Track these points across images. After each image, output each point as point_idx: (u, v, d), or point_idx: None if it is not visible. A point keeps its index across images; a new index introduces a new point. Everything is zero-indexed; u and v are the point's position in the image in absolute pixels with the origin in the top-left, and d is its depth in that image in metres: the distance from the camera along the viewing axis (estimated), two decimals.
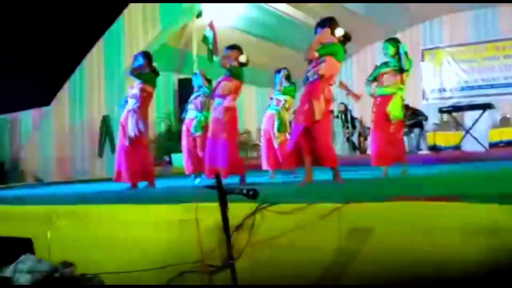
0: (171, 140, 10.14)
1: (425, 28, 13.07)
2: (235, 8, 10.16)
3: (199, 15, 9.91)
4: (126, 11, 10.36)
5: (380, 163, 5.78)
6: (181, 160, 10.64)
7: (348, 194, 3.46)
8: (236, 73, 5.59)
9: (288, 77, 6.93)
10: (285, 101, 6.78)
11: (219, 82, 5.60)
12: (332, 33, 4.78)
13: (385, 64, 5.88)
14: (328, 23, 4.85)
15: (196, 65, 10.11)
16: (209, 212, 2.75)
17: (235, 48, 5.71)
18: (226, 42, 10.06)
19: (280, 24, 10.85)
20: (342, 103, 11.57)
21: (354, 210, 2.59)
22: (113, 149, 10.27)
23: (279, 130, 6.65)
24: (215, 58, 9.94)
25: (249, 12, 10.32)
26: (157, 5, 9.96)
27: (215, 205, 2.47)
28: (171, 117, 10.93)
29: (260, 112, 13.12)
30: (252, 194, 2.36)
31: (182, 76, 10.89)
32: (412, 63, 5.94)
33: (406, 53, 5.76)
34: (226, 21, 10.41)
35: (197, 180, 6.23)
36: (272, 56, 11.20)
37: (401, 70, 5.74)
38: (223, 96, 5.51)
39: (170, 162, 10.44)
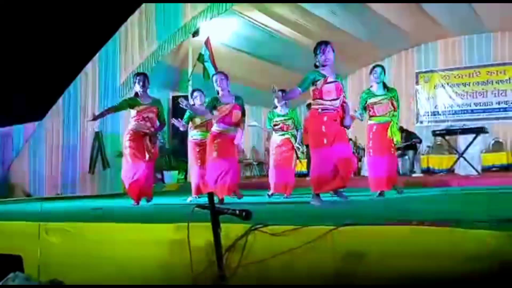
0: (163, 157, 10.08)
1: (420, 51, 13.20)
2: (231, 26, 10.21)
3: (195, 33, 9.93)
4: (122, 27, 10.39)
5: (380, 188, 5.86)
6: (174, 177, 10.65)
7: (343, 216, 3.43)
8: (242, 103, 5.79)
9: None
10: (294, 125, 6.80)
11: (231, 111, 5.64)
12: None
13: (371, 93, 5.98)
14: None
15: (191, 82, 10.12)
16: (201, 232, 2.71)
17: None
18: (221, 61, 10.20)
19: (276, 43, 10.91)
20: None
21: (346, 233, 2.57)
22: (104, 166, 10.21)
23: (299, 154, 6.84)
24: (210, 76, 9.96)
25: (244, 31, 10.36)
26: (154, 22, 10.00)
27: (208, 225, 2.44)
28: (165, 135, 10.89)
29: (253, 131, 13.17)
30: (244, 215, 2.33)
31: (176, 94, 10.88)
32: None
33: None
34: (221, 39, 10.45)
35: (190, 199, 6.17)
36: (267, 75, 11.24)
37: (391, 99, 5.92)
38: (236, 124, 5.64)
39: (162, 180, 10.38)
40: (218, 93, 5.73)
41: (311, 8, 9.93)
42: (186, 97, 9.78)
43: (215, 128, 5.67)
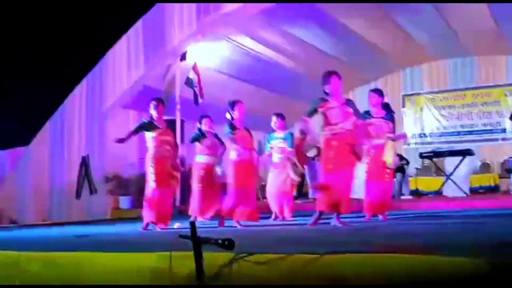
0: None
1: (406, 74, 13.33)
2: (218, 50, 10.27)
3: (183, 57, 9.97)
4: (110, 51, 10.39)
5: (376, 212, 5.89)
6: None
7: (330, 242, 3.40)
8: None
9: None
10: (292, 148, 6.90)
11: (243, 137, 5.94)
12: None
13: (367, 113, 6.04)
14: None
15: (178, 106, 10.12)
16: (184, 261, 2.66)
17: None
18: (210, 85, 10.23)
19: (264, 68, 10.97)
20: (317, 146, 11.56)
21: (331, 261, 2.54)
22: (91, 191, 10.10)
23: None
24: (200, 101, 9.97)
25: (233, 56, 10.42)
26: (141, 46, 10.01)
27: (191, 254, 2.39)
28: None
29: None
30: (227, 245, 2.29)
31: (165, 118, 10.83)
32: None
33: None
34: (209, 64, 10.49)
35: (176, 225, 6.09)
36: (254, 99, 11.27)
37: (388, 120, 5.97)
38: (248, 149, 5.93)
39: None
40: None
41: (297, 33, 10.03)
42: (174, 121, 9.87)
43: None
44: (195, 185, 6.65)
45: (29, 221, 9.75)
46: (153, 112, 6.07)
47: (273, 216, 6.92)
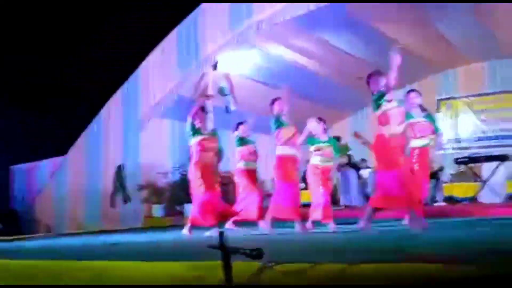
0: (184, 190, 10.14)
1: (440, 78, 13.09)
2: (250, 58, 10.33)
3: (215, 66, 10.08)
4: (144, 62, 10.60)
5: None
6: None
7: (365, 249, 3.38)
8: None
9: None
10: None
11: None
12: None
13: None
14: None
15: (211, 115, 10.19)
16: (213, 271, 2.69)
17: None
18: (240, 92, 10.28)
19: (293, 73, 10.97)
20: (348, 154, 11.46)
21: (363, 271, 2.53)
22: (125, 199, 10.29)
23: None
24: (232, 109, 10.03)
25: (262, 62, 10.46)
26: (175, 55, 10.18)
27: (220, 263, 2.42)
28: (187, 167, 10.94)
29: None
30: (255, 255, 2.31)
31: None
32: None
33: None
34: (240, 71, 10.58)
35: (208, 233, 6.15)
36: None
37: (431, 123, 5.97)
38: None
39: (182, 213, 10.40)
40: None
41: (329, 39, 9.99)
42: None
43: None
44: (243, 191, 6.91)
45: (65, 230, 10.01)
46: (197, 119, 6.43)
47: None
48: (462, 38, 10.90)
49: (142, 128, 10.34)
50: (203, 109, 6.45)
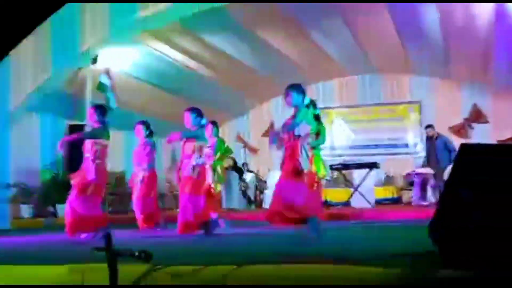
0: (56, 190, 9.51)
1: (318, 88, 13.76)
2: (132, 55, 9.99)
3: (94, 60, 9.58)
4: (13, 51, 9.74)
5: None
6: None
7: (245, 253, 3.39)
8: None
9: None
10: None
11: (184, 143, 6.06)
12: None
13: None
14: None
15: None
16: (98, 274, 2.52)
17: None
18: (122, 90, 9.92)
19: (177, 74, 10.84)
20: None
21: (249, 272, 2.53)
22: None
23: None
24: (113, 106, 9.62)
25: (145, 60, 10.18)
26: (49, 48, 9.50)
27: (106, 266, 2.27)
28: (59, 166, 10.27)
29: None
30: (144, 257, 2.20)
31: (73, 123, 10.36)
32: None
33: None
34: (122, 68, 10.19)
35: (83, 235, 5.77)
36: (168, 105, 11.14)
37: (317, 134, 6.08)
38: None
39: (54, 214, 9.75)
40: None
41: (213, 41, 10.02)
42: (82, 126, 9.46)
43: None
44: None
45: None
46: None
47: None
48: (337, 51, 11.58)
49: (11, 121, 9.52)
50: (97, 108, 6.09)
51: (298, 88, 5.22)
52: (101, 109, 6.21)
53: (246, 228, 6.95)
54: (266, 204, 10.28)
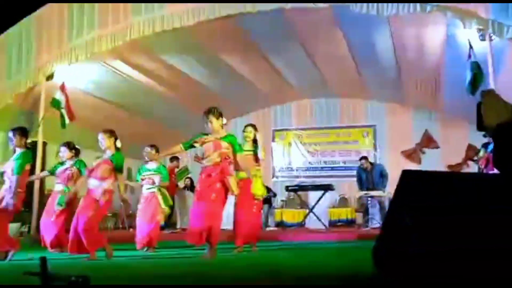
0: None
1: (276, 111, 13.93)
2: (89, 72, 9.85)
3: (50, 77, 9.39)
4: None
5: (246, 242, 6.09)
6: (15, 230, 9.64)
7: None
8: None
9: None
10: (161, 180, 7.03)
11: (99, 164, 5.67)
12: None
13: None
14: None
15: (41, 128, 9.43)
16: None
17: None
18: (77, 106, 9.71)
19: (136, 92, 10.75)
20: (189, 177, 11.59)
21: None
22: None
23: None
24: (67, 123, 9.43)
25: (102, 78, 10.06)
26: (4, 58, 9.29)
27: None
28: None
29: None
30: (81, 282, 2.15)
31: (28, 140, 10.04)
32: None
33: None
34: (79, 85, 10.02)
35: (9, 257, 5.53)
36: (125, 123, 10.98)
37: (256, 155, 6.15)
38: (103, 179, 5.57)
39: None
40: None
41: (172, 61, 10.02)
42: (35, 143, 9.19)
43: None
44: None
45: None
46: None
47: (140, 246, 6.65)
48: (296, 76, 11.78)
49: None
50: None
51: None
52: (22, 132, 6.00)
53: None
54: None
